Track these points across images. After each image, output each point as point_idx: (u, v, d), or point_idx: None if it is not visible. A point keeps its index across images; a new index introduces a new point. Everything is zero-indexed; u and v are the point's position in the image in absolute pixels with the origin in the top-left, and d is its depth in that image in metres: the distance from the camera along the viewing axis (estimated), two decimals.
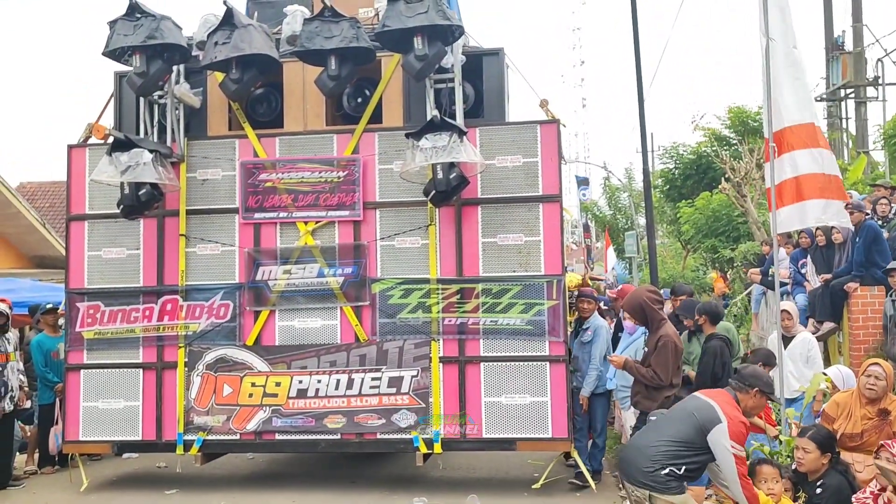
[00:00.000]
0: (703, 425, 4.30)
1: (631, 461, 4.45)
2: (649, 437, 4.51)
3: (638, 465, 4.36)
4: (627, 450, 4.63)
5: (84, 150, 7.81)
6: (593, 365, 7.19)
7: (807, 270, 9.78)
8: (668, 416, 4.65)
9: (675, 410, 4.65)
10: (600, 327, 7.38)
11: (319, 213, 7.45)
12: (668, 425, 4.47)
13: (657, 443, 4.38)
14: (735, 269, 15.99)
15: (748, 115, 19.94)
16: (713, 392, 4.66)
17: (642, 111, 13.23)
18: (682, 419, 4.42)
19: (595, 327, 7.34)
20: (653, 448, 4.36)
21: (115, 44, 7.00)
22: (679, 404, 4.71)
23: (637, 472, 4.36)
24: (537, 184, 7.24)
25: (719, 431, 4.25)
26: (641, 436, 4.69)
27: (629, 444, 4.73)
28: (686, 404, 4.57)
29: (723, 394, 4.55)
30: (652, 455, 4.33)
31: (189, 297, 7.54)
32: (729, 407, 4.39)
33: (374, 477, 7.90)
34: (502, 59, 7.58)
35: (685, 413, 4.45)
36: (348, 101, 7.75)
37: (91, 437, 7.59)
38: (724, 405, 4.38)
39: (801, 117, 6.07)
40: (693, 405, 4.49)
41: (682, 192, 21.76)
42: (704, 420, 4.32)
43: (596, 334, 7.29)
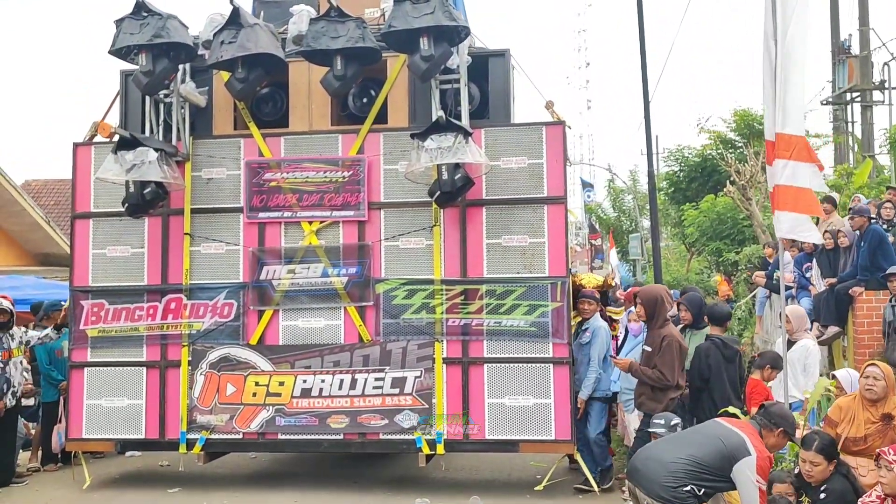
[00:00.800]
0: (732, 454, 4.33)
1: (650, 473, 4.41)
2: (671, 452, 4.45)
3: (657, 479, 4.34)
4: (645, 460, 4.55)
5: (90, 149, 7.82)
6: (592, 367, 7.02)
7: (812, 274, 9.77)
8: (689, 436, 4.62)
9: (699, 433, 4.62)
10: (599, 328, 7.17)
11: (324, 213, 7.45)
12: (692, 445, 4.45)
13: (679, 460, 4.35)
14: (739, 273, 15.94)
15: (754, 118, 19.87)
16: (738, 423, 4.67)
17: (648, 113, 13.21)
18: (707, 443, 4.41)
19: (594, 328, 7.15)
20: (674, 464, 4.34)
21: (122, 42, 7.01)
22: (702, 427, 4.70)
23: (656, 485, 4.33)
24: (542, 185, 7.23)
25: (747, 464, 4.30)
26: (661, 448, 4.62)
27: (647, 454, 4.62)
28: (711, 429, 4.57)
29: (748, 426, 4.59)
30: (674, 471, 4.32)
31: (193, 295, 7.54)
32: (756, 440, 4.45)
33: (376, 477, 7.90)
34: (508, 60, 7.58)
35: (711, 437, 4.45)
36: (354, 101, 7.75)
37: (94, 435, 7.60)
38: (752, 438, 4.44)
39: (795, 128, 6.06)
40: (719, 431, 4.49)
41: (687, 195, 21.71)
42: (733, 449, 4.34)
43: (594, 335, 7.10)
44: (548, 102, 7.40)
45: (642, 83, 13.14)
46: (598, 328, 7.17)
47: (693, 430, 4.75)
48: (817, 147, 21.65)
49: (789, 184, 5.84)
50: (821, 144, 21.59)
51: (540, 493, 7.05)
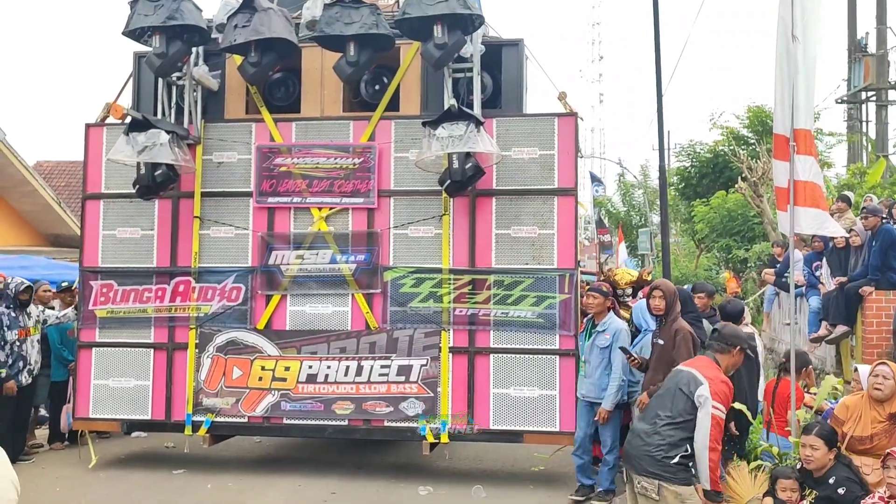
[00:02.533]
0: (691, 393, 4.34)
1: (637, 451, 4.39)
2: (648, 423, 4.45)
3: (646, 453, 4.31)
4: (631, 440, 4.55)
5: (101, 130, 7.84)
6: (615, 374, 6.40)
7: (821, 273, 9.72)
8: (658, 399, 4.56)
9: (664, 391, 4.57)
10: (620, 330, 6.53)
11: (333, 200, 7.45)
12: (661, 406, 4.43)
13: (654, 425, 4.35)
14: (748, 270, 15.89)
15: (767, 114, 19.76)
16: (691, 361, 4.73)
17: (660, 108, 13.14)
18: (672, 396, 4.41)
19: (614, 330, 6.51)
20: (656, 435, 4.31)
21: (136, 24, 7.01)
22: (665, 384, 4.65)
23: (646, 460, 4.30)
24: (553, 177, 7.21)
25: (703, 395, 4.29)
26: (640, 423, 4.62)
27: (631, 435, 4.59)
28: (671, 382, 4.56)
29: (701, 360, 4.64)
30: (657, 442, 4.29)
31: (201, 279, 7.57)
32: (709, 370, 4.47)
33: (379, 464, 7.92)
34: (522, 50, 7.54)
35: (673, 390, 4.44)
36: (366, 87, 7.73)
37: (101, 415, 7.65)
38: (704, 369, 4.46)
39: (806, 123, 6.04)
40: (677, 380, 4.50)
41: (698, 191, 21.64)
42: (690, 390, 4.35)
43: (616, 338, 6.45)
44: (561, 93, 7.37)
45: (656, 78, 13.06)
46: (620, 330, 6.54)
47: (659, 392, 4.65)
48: (831, 146, 21.52)
49: (808, 179, 5.82)
50: (834, 143, 21.46)
51: (542, 484, 7.06)
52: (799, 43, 5.99)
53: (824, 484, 4.66)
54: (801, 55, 5.95)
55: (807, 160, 5.93)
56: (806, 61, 5.96)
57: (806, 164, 5.92)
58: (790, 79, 5.96)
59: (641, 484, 4.30)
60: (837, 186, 16.09)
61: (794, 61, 5.94)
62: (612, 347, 6.46)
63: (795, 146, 5.98)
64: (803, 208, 5.98)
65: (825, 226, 6.14)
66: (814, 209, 5.94)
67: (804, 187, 5.97)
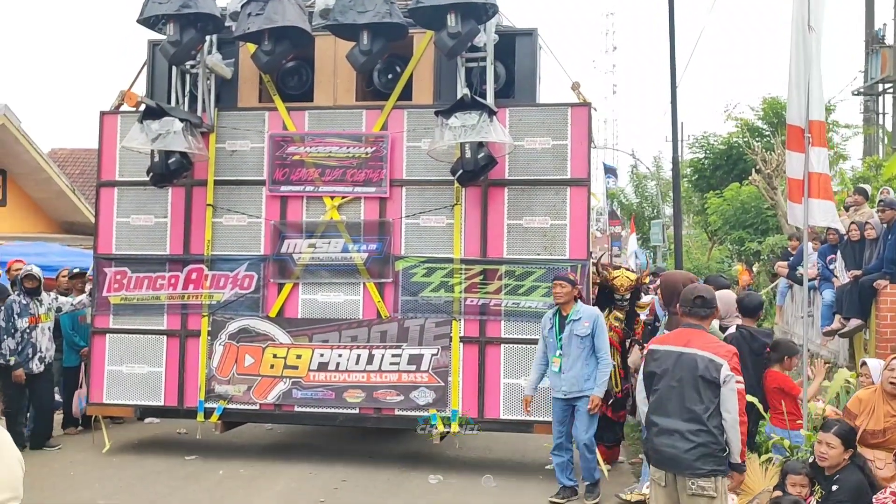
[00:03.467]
0: (715, 378, 4.08)
1: (684, 452, 4.06)
2: (683, 419, 4.11)
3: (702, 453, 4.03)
4: (668, 442, 4.14)
5: (116, 117, 7.88)
6: (606, 360, 6.29)
7: (835, 266, 9.65)
8: (677, 391, 4.18)
9: (680, 382, 4.18)
10: (598, 316, 6.43)
11: (346, 189, 7.46)
12: (690, 400, 4.11)
13: (702, 421, 4.05)
14: (762, 262, 15.80)
15: (782, 106, 19.58)
16: (686, 339, 4.25)
17: (674, 99, 13.08)
18: (696, 387, 4.11)
19: (592, 317, 6.34)
20: (705, 433, 4.05)
21: (150, 11, 7.03)
22: (673, 373, 4.22)
23: (701, 459, 4.03)
24: (566, 167, 7.18)
25: (725, 373, 4.08)
26: (667, 420, 4.18)
27: (665, 436, 4.17)
28: (683, 372, 4.17)
29: (695, 335, 4.24)
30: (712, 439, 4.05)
31: (214, 266, 7.61)
32: (716, 346, 4.20)
33: (390, 453, 7.96)
34: (535, 40, 7.51)
35: (693, 380, 4.12)
36: (379, 76, 7.73)
37: (114, 401, 7.72)
38: (712, 348, 4.16)
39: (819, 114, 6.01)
40: (691, 367, 4.14)
41: (711, 183, 21.52)
42: (714, 376, 4.09)
43: (596, 325, 6.29)
44: (574, 83, 7.33)
45: (670, 69, 13.00)
46: (598, 316, 6.43)
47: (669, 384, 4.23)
48: (847, 138, 21.34)
49: (822, 171, 5.79)
50: (851, 135, 21.28)
51: (551, 473, 7.05)
52: (814, 33, 5.93)
53: (831, 484, 4.63)
54: (816, 45, 5.89)
55: (821, 152, 5.89)
56: (819, 52, 5.92)
57: (820, 156, 5.88)
58: (805, 69, 5.91)
59: (698, 484, 4.02)
60: (853, 179, 15.96)
61: (809, 52, 5.89)
62: (595, 334, 6.27)
63: (811, 138, 5.93)
64: (817, 200, 5.95)
65: (836, 218, 6.13)
66: (827, 201, 5.92)
67: (818, 179, 5.94)
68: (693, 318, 4.33)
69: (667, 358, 4.25)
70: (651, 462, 4.30)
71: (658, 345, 4.40)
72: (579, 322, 6.30)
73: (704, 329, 4.34)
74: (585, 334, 6.27)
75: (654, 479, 4.25)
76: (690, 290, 4.44)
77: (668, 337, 4.47)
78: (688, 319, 4.36)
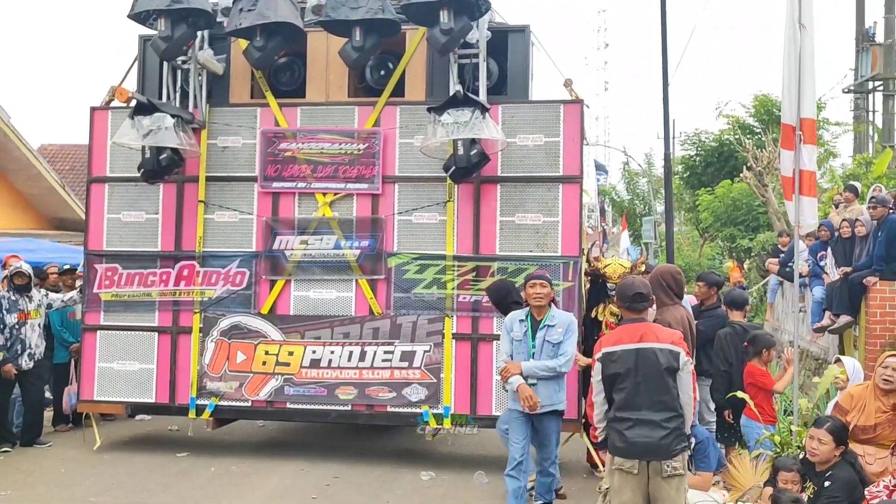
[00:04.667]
0: (676, 369, 4.28)
1: (659, 439, 4.22)
2: (656, 410, 4.25)
3: (675, 436, 4.24)
4: (643, 433, 4.25)
5: (107, 113, 7.83)
6: (563, 358, 5.51)
7: (826, 263, 9.70)
8: (646, 385, 4.29)
9: (645, 377, 4.28)
10: (573, 321, 5.69)
11: (338, 185, 7.45)
12: (659, 391, 4.26)
13: (672, 408, 4.25)
14: (752, 259, 15.88)
15: (773, 103, 19.69)
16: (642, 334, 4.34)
17: (666, 96, 13.10)
18: (661, 378, 4.26)
19: (567, 322, 5.62)
20: (678, 418, 4.26)
21: (141, 6, 7.00)
22: (637, 369, 4.29)
23: (674, 442, 4.23)
24: (558, 164, 7.19)
25: (686, 362, 4.31)
26: (640, 413, 4.27)
27: (641, 427, 4.27)
28: (648, 366, 4.27)
29: (648, 329, 4.38)
30: (680, 422, 4.27)
31: (206, 263, 7.58)
32: (670, 335, 4.38)
33: (382, 450, 7.96)
34: (528, 36, 7.50)
35: (658, 373, 4.26)
36: (371, 73, 7.71)
37: (105, 398, 7.69)
38: (668, 338, 4.34)
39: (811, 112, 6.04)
40: (654, 361, 4.26)
41: (703, 180, 21.60)
42: (675, 367, 4.28)
43: (569, 330, 5.58)
44: (566, 80, 7.33)
45: (662, 66, 13.01)
46: (571, 321, 5.68)
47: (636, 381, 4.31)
48: (837, 135, 21.45)
49: (812, 169, 5.83)
50: (841, 133, 21.38)
51: None
52: (806, 30, 5.96)
53: (823, 480, 4.65)
54: (808, 43, 5.92)
55: (812, 150, 5.93)
56: (812, 49, 5.94)
57: (812, 154, 5.92)
58: (797, 67, 5.93)
59: (672, 466, 4.23)
60: (843, 177, 16.04)
61: (802, 49, 5.92)
62: (566, 340, 5.55)
63: (802, 135, 5.96)
64: (808, 198, 5.99)
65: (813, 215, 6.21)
66: (813, 198, 5.98)
67: (809, 177, 5.98)
68: (634, 313, 4.48)
69: (626, 357, 4.35)
70: (619, 454, 4.34)
71: (612, 346, 4.44)
72: (553, 328, 5.56)
73: (646, 320, 4.52)
74: (559, 341, 5.54)
75: (625, 468, 4.31)
76: (629, 287, 4.53)
77: (618, 335, 4.48)
78: (629, 315, 4.50)
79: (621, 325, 4.59)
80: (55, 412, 8.55)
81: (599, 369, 4.44)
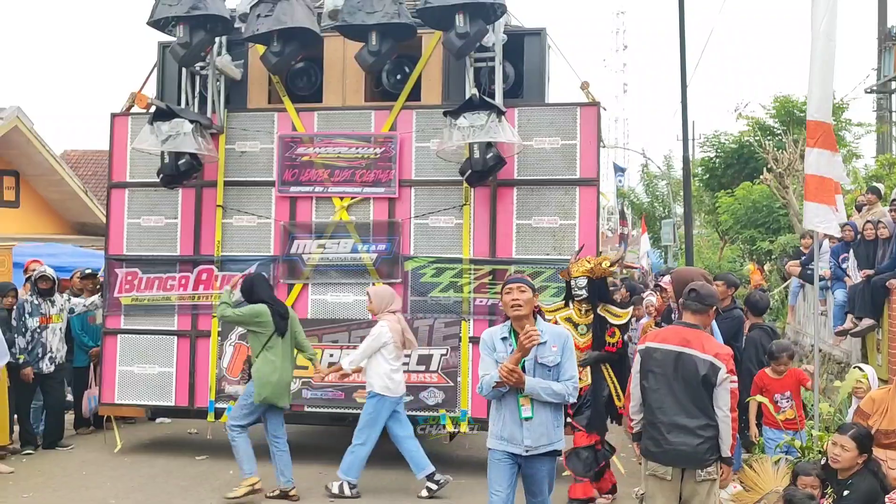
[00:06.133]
0: (716, 382, 4.22)
1: (695, 446, 4.20)
2: (691, 417, 4.21)
3: (711, 445, 4.22)
4: (680, 439, 4.21)
5: (127, 119, 7.92)
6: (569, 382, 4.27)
7: (848, 265, 9.58)
8: (680, 389, 4.25)
9: (682, 381, 4.24)
10: (568, 337, 4.38)
11: (355, 189, 7.47)
12: (693, 398, 4.23)
13: (708, 415, 4.22)
14: (773, 262, 15.72)
15: (794, 104, 19.47)
16: (688, 339, 4.28)
17: (685, 98, 13.03)
18: (698, 386, 4.22)
19: (560, 338, 4.31)
20: (712, 427, 4.23)
21: (160, 14, 7.07)
22: (675, 374, 4.26)
23: (710, 451, 4.23)
24: (575, 167, 7.17)
25: (726, 378, 4.23)
26: (680, 417, 4.23)
27: (675, 433, 4.22)
28: (686, 372, 4.23)
29: (696, 336, 4.30)
30: (714, 432, 4.24)
31: (224, 267, 7.64)
32: (717, 349, 4.30)
33: (399, 453, 7.93)
34: (544, 39, 7.50)
35: (695, 381, 4.22)
36: (387, 77, 7.74)
37: (126, 401, 7.77)
38: (714, 351, 4.26)
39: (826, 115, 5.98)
40: (693, 369, 4.22)
41: (722, 182, 21.39)
42: (713, 381, 4.22)
43: (566, 347, 4.29)
44: (583, 83, 7.32)
45: (681, 67, 12.95)
46: (567, 338, 4.36)
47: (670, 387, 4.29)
48: (860, 136, 21.19)
49: (814, 172, 5.77)
50: (863, 133, 21.12)
51: (563, 477, 7.04)
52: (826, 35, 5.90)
53: (843, 488, 4.59)
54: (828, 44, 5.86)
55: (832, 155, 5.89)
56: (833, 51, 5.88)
57: (831, 160, 5.89)
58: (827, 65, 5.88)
59: (706, 471, 4.24)
60: (866, 178, 15.84)
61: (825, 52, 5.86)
62: (562, 362, 4.25)
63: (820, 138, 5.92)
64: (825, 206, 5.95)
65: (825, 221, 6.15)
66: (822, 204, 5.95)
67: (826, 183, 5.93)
68: (688, 313, 4.43)
69: (666, 358, 4.32)
70: (658, 460, 4.31)
71: (656, 343, 4.42)
72: (545, 347, 4.23)
73: (700, 327, 4.40)
74: (554, 363, 4.24)
75: (658, 474, 4.31)
76: (683, 282, 4.60)
77: (666, 334, 4.46)
78: (686, 316, 4.45)
79: (675, 324, 4.56)
80: (76, 415, 8.65)
81: (638, 361, 4.45)
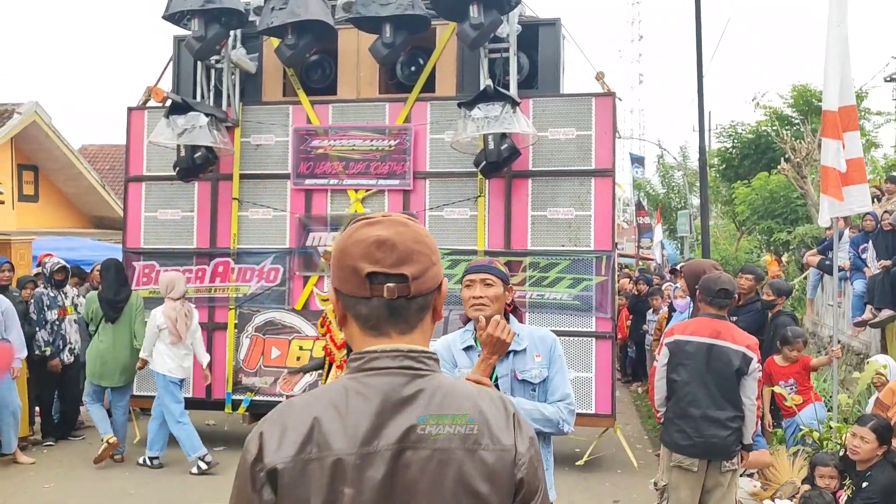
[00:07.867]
0: (747, 373, 4.25)
1: (725, 438, 4.23)
2: (720, 409, 4.23)
3: (737, 437, 4.26)
4: (711, 430, 4.24)
5: (143, 113, 7.97)
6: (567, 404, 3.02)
7: (867, 255, 9.48)
8: (713, 380, 4.27)
9: (713, 371, 4.25)
10: (554, 341, 3.12)
11: (370, 181, 7.48)
12: (724, 390, 4.24)
13: (735, 407, 4.25)
14: (790, 253, 15.58)
15: (812, 93, 19.28)
16: (718, 331, 4.29)
17: (701, 88, 12.90)
18: (729, 378, 4.24)
19: (545, 344, 3.08)
20: (739, 418, 4.25)
21: (175, 7, 7.09)
22: (708, 366, 4.27)
23: (735, 444, 4.27)
24: (590, 157, 7.13)
25: (756, 369, 4.27)
26: (711, 410, 4.25)
27: (705, 425, 4.25)
28: (719, 364, 4.25)
29: (725, 327, 4.32)
30: (740, 423, 4.26)
31: (240, 260, 7.68)
32: (747, 339, 4.31)
33: None
34: (559, 29, 7.45)
35: (726, 372, 4.24)
36: (402, 69, 7.72)
37: (144, 392, 7.82)
38: (744, 341, 4.28)
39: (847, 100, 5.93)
40: (726, 361, 4.23)
41: (739, 172, 21.24)
42: (745, 371, 4.25)
43: (553, 355, 3.06)
44: (598, 73, 7.27)
45: (697, 57, 12.81)
46: (554, 341, 3.11)
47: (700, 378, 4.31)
48: (879, 125, 20.95)
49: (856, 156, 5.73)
50: (882, 122, 20.88)
51: (580, 468, 7.04)
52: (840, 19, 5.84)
53: (862, 479, 4.55)
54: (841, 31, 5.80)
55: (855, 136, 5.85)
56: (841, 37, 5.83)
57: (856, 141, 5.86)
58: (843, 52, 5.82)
59: (731, 462, 4.30)
60: (885, 167, 15.66)
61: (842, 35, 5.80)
62: (555, 376, 3.03)
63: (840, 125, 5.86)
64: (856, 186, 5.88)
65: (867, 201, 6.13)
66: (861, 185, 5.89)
67: (856, 164, 5.87)
68: (714, 308, 4.40)
69: (698, 350, 4.32)
70: (688, 453, 4.30)
71: (686, 335, 4.40)
72: (524, 356, 3.04)
73: (727, 319, 4.43)
74: (539, 378, 3.02)
75: (684, 465, 4.30)
76: (714, 281, 4.46)
77: (694, 326, 4.46)
78: (709, 309, 4.42)
79: (698, 316, 4.55)
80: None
81: (666, 354, 4.43)
